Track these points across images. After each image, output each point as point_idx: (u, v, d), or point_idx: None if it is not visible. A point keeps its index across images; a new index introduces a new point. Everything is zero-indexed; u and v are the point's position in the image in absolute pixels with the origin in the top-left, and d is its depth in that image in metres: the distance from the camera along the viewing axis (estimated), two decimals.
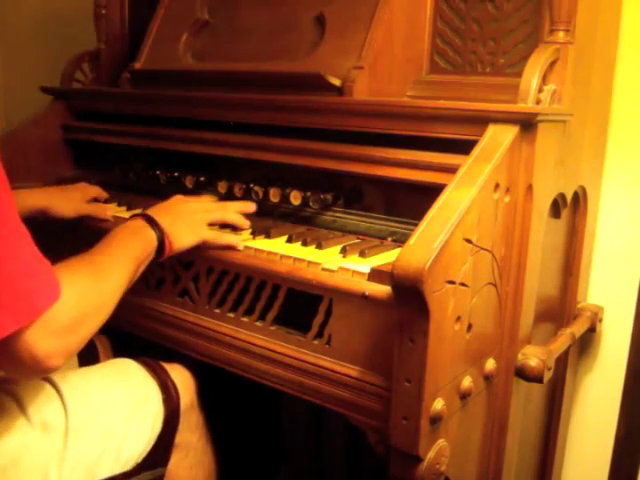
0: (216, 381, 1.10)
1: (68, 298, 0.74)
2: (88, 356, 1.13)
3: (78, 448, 0.88)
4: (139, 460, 0.95)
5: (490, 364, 0.97)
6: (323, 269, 0.94)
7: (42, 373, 0.78)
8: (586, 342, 1.38)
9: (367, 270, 0.90)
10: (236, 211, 1.12)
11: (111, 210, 1.28)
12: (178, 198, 1.09)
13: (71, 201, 1.25)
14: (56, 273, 0.74)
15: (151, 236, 0.98)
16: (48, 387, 0.91)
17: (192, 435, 1.03)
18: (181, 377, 1.03)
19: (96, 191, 1.35)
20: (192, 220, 1.05)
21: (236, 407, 1.49)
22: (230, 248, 1.04)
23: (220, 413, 1.15)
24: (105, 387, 0.95)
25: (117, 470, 0.92)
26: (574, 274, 1.26)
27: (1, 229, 0.67)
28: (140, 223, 0.99)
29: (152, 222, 0.99)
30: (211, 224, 1.08)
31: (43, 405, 0.88)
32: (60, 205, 1.22)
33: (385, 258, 0.96)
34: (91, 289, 0.81)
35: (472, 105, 1.00)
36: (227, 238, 1.05)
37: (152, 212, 1.02)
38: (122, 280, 0.89)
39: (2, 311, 0.67)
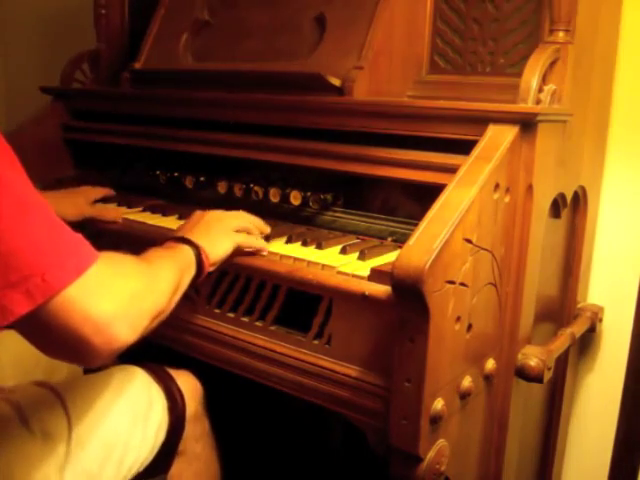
0: (223, 388, 1.09)
1: (111, 266, 0.71)
2: None
3: (80, 457, 0.87)
4: (141, 468, 0.94)
5: (490, 364, 0.97)
6: (323, 269, 0.94)
7: (110, 343, 0.68)
8: (586, 342, 1.38)
9: (367, 270, 0.90)
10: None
11: (119, 212, 1.27)
12: (198, 213, 1.05)
13: (75, 206, 1.25)
14: (95, 250, 0.70)
15: (187, 250, 0.93)
16: (50, 395, 0.90)
17: (197, 443, 1.02)
18: (188, 384, 1.02)
19: (100, 192, 1.33)
20: (221, 227, 1.01)
21: (243, 415, 1.48)
22: (256, 252, 1.03)
23: (226, 421, 1.15)
24: (109, 395, 0.94)
25: (119, 479, 0.91)
26: (574, 274, 1.26)
27: (12, 204, 0.63)
28: (172, 244, 0.94)
29: (184, 240, 0.95)
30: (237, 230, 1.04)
31: (45, 414, 0.87)
32: (63, 209, 1.21)
33: (385, 258, 0.96)
34: (140, 267, 0.78)
35: (472, 105, 1.00)
36: (260, 241, 1.03)
37: (180, 233, 0.98)
38: (170, 277, 0.84)
39: (12, 290, 0.62)
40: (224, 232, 1.01)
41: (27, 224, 0.64)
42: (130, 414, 0.94)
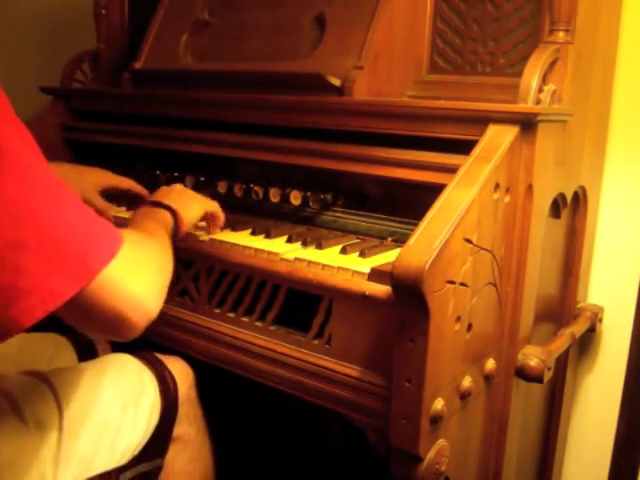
0: (215, 375, 1.10)
1: (135, 244, 0.76)
2: (87, 355, 1.13)
3: (72, 444, 0.88)
4: (136, 452, 0.95)
5: (490, 364, 0.97)
6: (323, 269, 0.94)
7: (146, 318, 0.73)
8: (586, 342, 1.38)
9: (367, 270, 0.90)
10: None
11: (112, 209, 1.27)
12: (171, 186, 1.10)
13: (81, 186, 1.22)
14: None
15: (165, 214, 0.99)
16: (41, 385, 0.91)
17: (190, 428, 1.03)
18: (179, 369, 1.03)
19: (113, 180, 1.30)
20: (192, 194, 1.09)
21: (236, 401, 1.49)
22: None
23: (219, 407, 1.15)
24: (99, 381, 0.95)
25: (113, 463, 0.92)
26: (574, 274, 1.26)
27: (46, 194, 0.65)
28: (149, 208, 1.00)
29: (159, 204, 1.00)
30: None
31: (37, 403, 0.88)
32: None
33: (385, 258, 0.96)
34: (155, 242, 0.85)
35: (472, 105, 1.00)
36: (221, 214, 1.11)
37: (155, 197, 1.04)
38: (169, 249, 0.90)
39: (58, 275, 0.64)
40: (195, 199, 1.08)
41: (62, 211, 0.66)
42: (121, 399, 0.94)
